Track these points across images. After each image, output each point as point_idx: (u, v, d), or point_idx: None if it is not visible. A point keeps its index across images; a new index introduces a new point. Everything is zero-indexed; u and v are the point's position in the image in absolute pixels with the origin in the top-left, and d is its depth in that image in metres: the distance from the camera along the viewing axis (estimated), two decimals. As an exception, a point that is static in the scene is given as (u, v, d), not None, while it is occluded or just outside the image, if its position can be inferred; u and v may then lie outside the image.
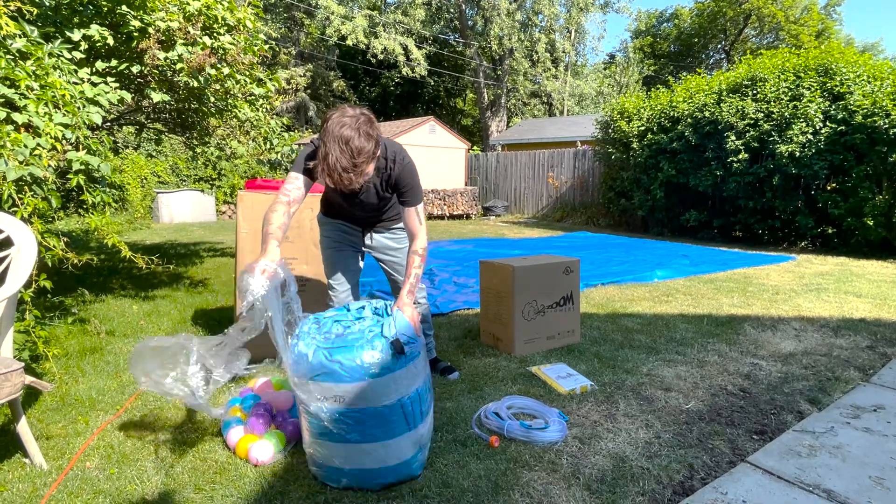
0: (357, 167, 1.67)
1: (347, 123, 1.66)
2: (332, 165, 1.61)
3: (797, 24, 26.61)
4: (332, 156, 1.62)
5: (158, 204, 11.74)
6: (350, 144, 1.63)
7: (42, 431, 2.08)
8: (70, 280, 4.52)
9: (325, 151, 1.63)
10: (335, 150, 1.62)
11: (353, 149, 1.63)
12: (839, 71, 7.24)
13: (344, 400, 1.62)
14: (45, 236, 2.37)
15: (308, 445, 1.76)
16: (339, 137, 1.62)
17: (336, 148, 1.62)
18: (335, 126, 1.65)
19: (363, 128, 1.68)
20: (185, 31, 3.24)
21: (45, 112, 2.24)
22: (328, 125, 1.68)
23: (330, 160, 1.61)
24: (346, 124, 1.66)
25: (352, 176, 1.67)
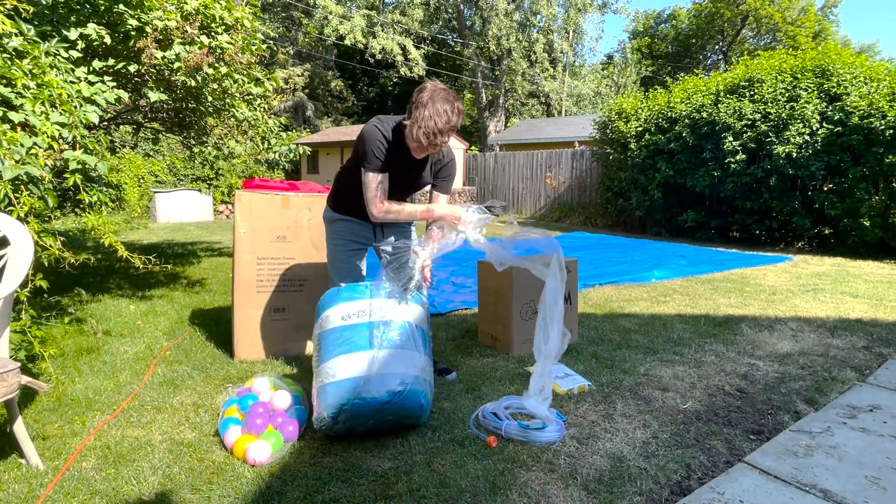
0: (447, 132, 1.91)
1: (444, 96, 1.90)
2: (430, 126, 1.85)
3: (794, 26, 26.69)
4: (431, 119, 1.85)
5: (155, 203, 11.71)
6: (447, 112, 1.88)
7: (38, 432, 2.07)
8: (67, 280, 4.51)
9: (426, 113, 1.85)
10: (434, 116, 1.85)
11: (448, 116, 1.88)
12: (836, 72, 7.27)
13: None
14: (42, 236, 2.36)
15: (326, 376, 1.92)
16: (439, 107, 1.86)
17: (435, 113, 1.85)
18: (435, 95, 1.88)
19: (456, 104, 1.93)
20: (182, 31, 3.23)
21: (41, 111, 2.23)
22: (426, 94, 1.89)
23: (429, 123, 1.85)
24: (443, 97, 1.89)
25: (442, 139, 1.92)
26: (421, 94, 1.92)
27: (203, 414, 2.24)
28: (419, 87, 1.96)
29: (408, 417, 2.00)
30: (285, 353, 2.97)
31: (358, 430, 1.96)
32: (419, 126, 1.89)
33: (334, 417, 1.90)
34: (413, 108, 1.93)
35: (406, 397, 1.95)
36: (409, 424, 2.04)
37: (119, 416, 2.21)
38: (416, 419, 2.03)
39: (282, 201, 2.93)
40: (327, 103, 25.29)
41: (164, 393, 2.46)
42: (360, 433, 2.00)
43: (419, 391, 1.98)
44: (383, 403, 1.91)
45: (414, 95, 1.94)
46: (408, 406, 1.96)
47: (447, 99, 1.92)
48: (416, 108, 1.91)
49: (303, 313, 3.00)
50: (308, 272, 3.01)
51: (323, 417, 1.92)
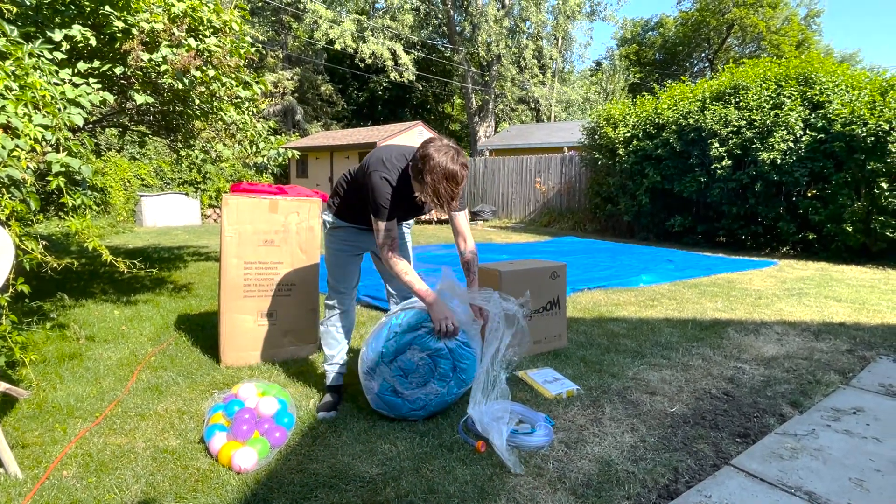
0: (458, 193, 1.99)
1: (450, 158, 1.93)
2: (442, 195, 1.93)
3: (778, 35, 27.20)
4: (441, 189, 1.92)
5: (142, 207, 11.58)
6: (455, 178, 1.93)
7: (18, 440, 2.02)
8: (49, 284, 4.43)
9: (435, 186, 1.92)
10: (443, 185, 1.91)
11: (457, 181, 1.94)
12: (819, 80, 7.41)
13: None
14: (24, 239, 2.32)
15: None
16: (444, 173, 1.91)
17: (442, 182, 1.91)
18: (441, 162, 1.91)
19: (459, 159, 1.96)
20: (169, 33, 3.20)
21: (24, 113, 2.19)
22: (433, 162, 1.91)
23: (442, 192, 1.92)
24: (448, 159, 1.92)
25: (455, 203, 2.00)
26: (427, 164, 1.92)
27: (188, 420, 2.21)
28: (422, 154, 1.94)
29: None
30: (272, 359, 2.94)
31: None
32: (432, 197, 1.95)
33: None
34: (421, 177, 1.94)
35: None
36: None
37: (101, 424, 2.17)
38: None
39: (269, 205, 2.91)
40: (317, 107, 25.23)
41: (148, 399, 2.42)
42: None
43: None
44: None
45: (418, 162, 1.95)
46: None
47: (453, 159, 1.93)
48: (424, 176, 1.93)
49: (290, 318, 2.97)
50: (296, 277, 2.99)
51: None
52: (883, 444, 2.07)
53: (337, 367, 2.48)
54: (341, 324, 2.48)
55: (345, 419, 2.23)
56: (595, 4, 23.07)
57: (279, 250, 2.94)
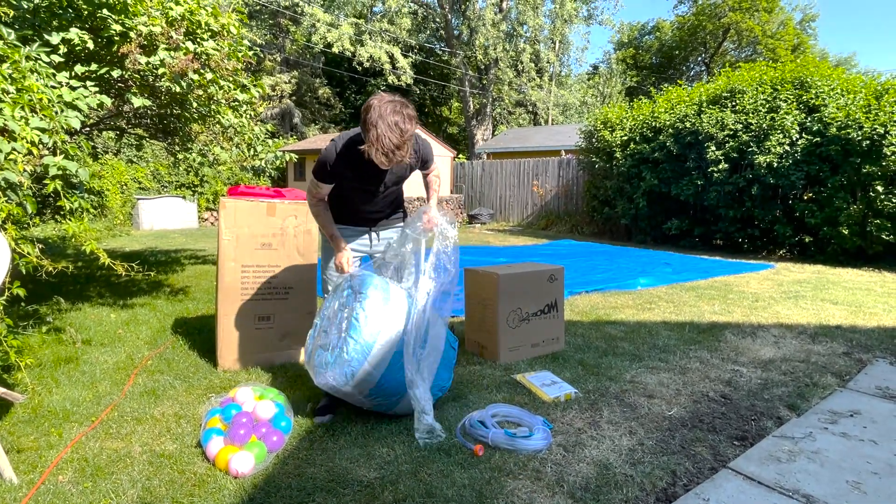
0: (404, 145, 1.88)
1: (392, 109, 1.86)
2: (386, 145, 1.82)
3: (774, 39, 27.35)
4: (385, 137, 1.82)
5: (139, 210, 11.55)
6: (399, 126, 1.84)
7: (13, 444, 2.01)
8: (45, 288, 4.41)
9: (377, 134, 1.82)
10: (387, 133, 1.82)
11: (401, 129, 1.85)
12: (814, 84, 7.45)
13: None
14: (20, 243, 2.31)
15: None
16: (388, 122, 1.83)
17: (387, 130, 1.82)
18: (383, 112, 1.84)
19: (406, 111, 1.89)
20: (167, 36, 3.20)
21: (21, 116, 2.19)
22: (374, 112, 1.84)
23: (384, 141, 1.82)
24: (391, 110, 1.85)
25: (401, 153, 1.89)
26: (369, 114, 1.86)
27: (185, 425, 2.20)
28: (365, 106, 1.89)
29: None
30: (270, 362, 2.93)
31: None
32: (376, 148, 1.85)
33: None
34: (365, 131, 1.88)
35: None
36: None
37: (97, 428, 2.16)
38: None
39: (267, 208, 2.91)
40: (315, 110, 25.24)
41: (144, 403, 2.41)
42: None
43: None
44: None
45: (362, 115, 1.89)
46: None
47: (395, 110, 1.86)
48: (368, 130, 1.86)
49: (288, 321, 2.97)
50: (293, 280, 2.98)
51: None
52: (880, 446, 2.07)
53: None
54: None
55: (342, 423, 2.23)
56: (592, 8, 23.18)
57: (277, 253, 2.94)
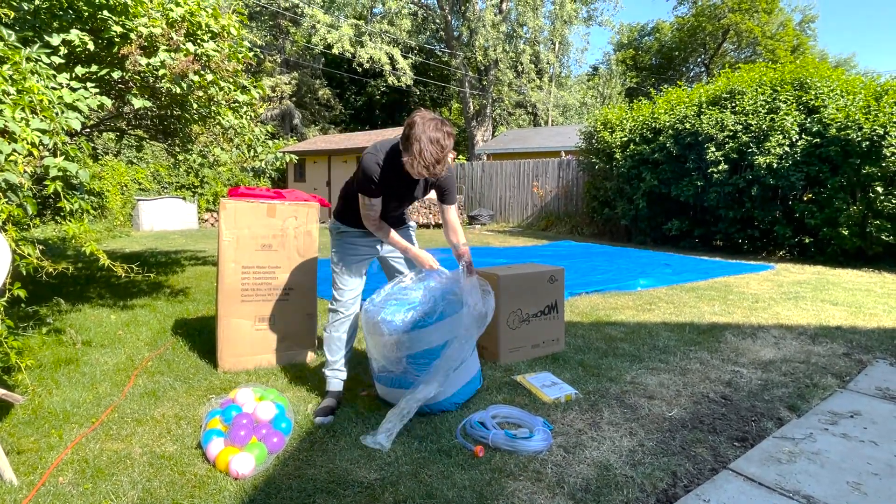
0: (443, 160, 2.04)
1: (434, 126, 2.00)
2: (427, 159, 1.97)
3: (773, 40, 27.37)
4: (426, 152, 1.97)
5: (139, 211, 11.55)
6: (440, 142, 1.99)
7: (13, 445, 2.01)
8: (45, 289, 4.41)
9: (420, 148, 1.97)
10: (428, 147, 1.97)
11: (441, 145, 2.00)
12: (814, 85, 7.46)
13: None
14: (20, 244, 2.31)
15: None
16: (430, 138, 1.97)
17: (429, 145, 1.97)
18: (426, 128, 1.99)
19: (445, 129, 2.03)
20: (168, 38, 3.21)
21: (21, 117, 2.19)
22: (417, 128, 1.99)
23: (425, 155, 1.97)
24: (433, 127, 2.00)
25: (440, 167, 2.03)
26: (413, 130, 2.00)
27: (185, 426, 2.20)
28: (409, 122, 2.03)
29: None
30: (270, 364, 2.93)
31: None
32: (418, 160, 1.99)
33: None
34: (408, 144, 2.01)
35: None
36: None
37: (98, 429, 2.16)
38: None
39: (267, 209, 2.91)
40: (315, 112, 25.25)
41: (144, 405, 2.41)
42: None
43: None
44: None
45: (405, 130, 2.02)
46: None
47: (437, 128, 2.00)
48: (411, 144, 1.99)
49: (288, 323, 2.97)
50: (294, 281, 2.98)
51: None
52: (880, 447, 2.07)
53: (337, 373, 2.48)
54: (344, 329, 2.48)
55: (343, 424, 2.23)
56: (592, 10, 23.19)
57: (277, 255, 2.94)
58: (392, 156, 2.18)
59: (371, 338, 2.32)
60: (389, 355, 2.26)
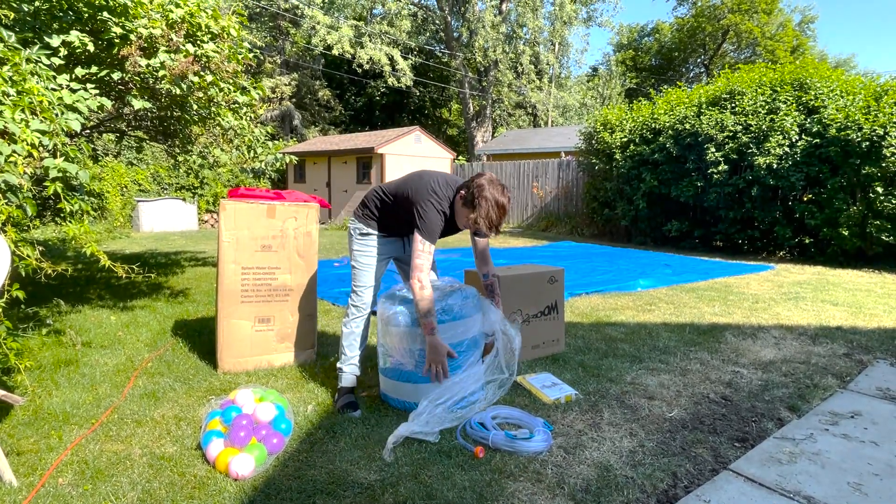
0: (504, 221, 2.34)
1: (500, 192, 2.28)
2: (493, 220, 2.27)
3: (773, 40, 27.39)
4: (493, 213, 2.26)
5: (139, 212, 11.55)
6: (504, 207, 2.29)
7: (13, 447, 2.01)
8: (45, 290, 4.41)
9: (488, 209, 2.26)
10: (494, 209, 2.26)
11: (505, 210, 2.30)
12: (813, 85, 7.46)
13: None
14: (20, 245, 2.31)
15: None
16: (497, 202, 2.26)
17: (494, 209, 2.26)
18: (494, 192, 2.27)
19: (507, 195, 2.32)
20: (167, 39, 3.21)
21: (21, 118, 2.19)
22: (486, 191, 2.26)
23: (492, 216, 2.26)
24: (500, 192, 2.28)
25: (502, 227, 2.33)
26: (483, 192, 2.26)
27: (185, 427, 2.20)
28: (478, 184, 2.28)
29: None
30: (270, 364, 2.93)
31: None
32: (484, 220, 2.27)
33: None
34: (476, 203, 2.26)
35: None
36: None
37: (97, 430, 2.16)
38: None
39: (267, 210, 2.91)
40: (314, 112, 25.26)
41: (144, 406, 2.40)
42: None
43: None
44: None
45: (473, 189, 2.28)
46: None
47: (503, 192, 2.29)
48: (481, 204, 2.25)
49: (288, 323, 2.97)
50: (293, 282, 2.98)
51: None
52: (881, 447, 2.07)
53: (354, 368, 2.55)
54: (362, 326, 2.57)
55: (343, 425, 2.22)
56: (591, 10, 23.20)
57: (277, 255, 2.94)
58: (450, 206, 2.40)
59: (386, 328, 2.39)
60: (402, 347, 2.33)
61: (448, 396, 2.25)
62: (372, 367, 2.87)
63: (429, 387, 2.30)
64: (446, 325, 2.32)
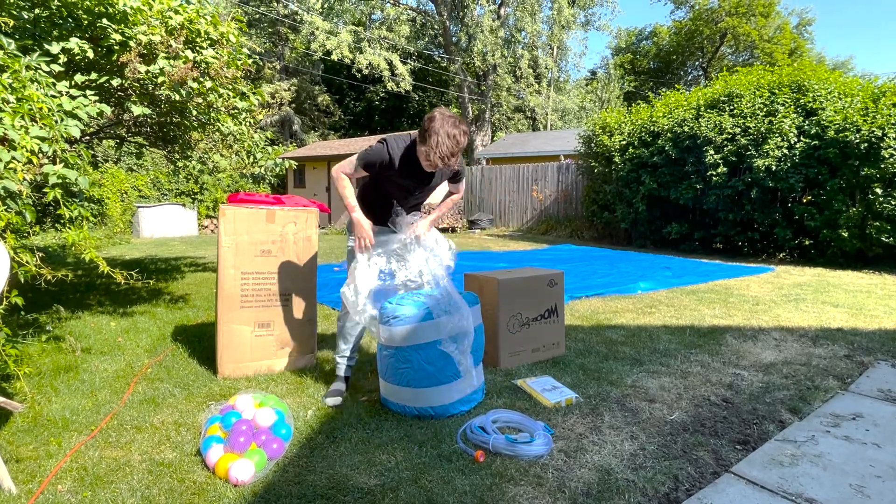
0: (457, 154, 2.24)
1: (452, 123, 2.20)
2: (443, 151, 2.17)
3: (771, 43, 27.49)
4: (443, 145, 2.16)
5: (139, 218, 11.56)
6: (456, 137, 2.19)
7: (12, 454, 2.00)
8: (45, 296, 4.41)
9: (438, 140, 2.16)
10: (445, 141, 2.16)
11: (457, 140, 2.20)
12: (811, 88, 7.48)
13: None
14: (19, 251, 2.32)
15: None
16: (448, 133, 2.16)
17: (446, 139, 2.16)
18: (445, 123, 2.18)
19: (462, 127, 2.23)
20: (167, 45, 3.22)
21: (21, 125, 2.19)
22: (437, 122, 2.18)
23: (442, 148, 2.16)
24: (451, 123, 2.19)
25: (454, 160, 2.23)
26: (432, 123, 2.18)
27: (184, 433, 2.19)
28: (429, 116, 2.21)
29: None
30: (270, 370, 2.93)
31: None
32: (434, 151, 2.17)
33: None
34: (426, 136, 2.18)
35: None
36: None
37: (97, 437, 2.15)
38: None
39: (266, 215, 2.91)
40: (314, 118, 25.33)
41: (144, 412, 2.40)
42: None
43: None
44: None
45: (425, 123, 2.20)
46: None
47: (455, 124, 2.19)
48: (429, 136, 2.17)
49: (288, 328, 2.96)
50: (293, 287, 2.98)
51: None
52: (882, 449, 2.06)
53: (346, 360, 2.62)
54: (356, 320, 2.60)
55: (343, 430, 2.22)
56: (589, 15, 23.30)
57: (276, 260, 2.94)
58: (410, 148, 2.36)
59: (389, 330, 2.40)
60: (405, 344, 2.35)
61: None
62: (372, 372, 2.86)
63: (429, 391, 2.30)
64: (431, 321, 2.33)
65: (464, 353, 2.35)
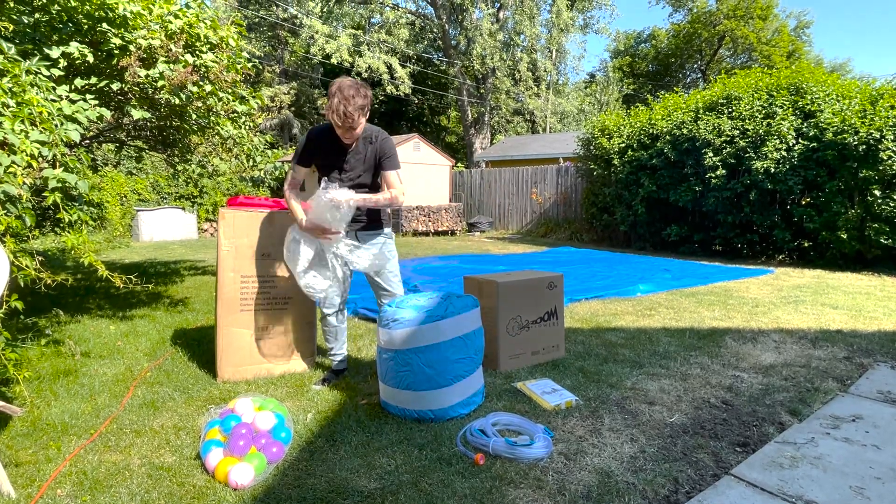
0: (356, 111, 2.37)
1: (349, 85, 2.38)
2: (339, 110, 2.34)
3: (769, 45, 27.57)
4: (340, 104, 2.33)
5: (138, 222, 11.56)
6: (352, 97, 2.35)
7: (11, 458, 2.00)
8: (44, 300, 4.41)
9: (334, 102, 2.34)
10: (342, 101, 2.34)
11: (348, 97, 2.35)
12: (810, 90, 7.50)
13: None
14: (19, 255, 2.32)
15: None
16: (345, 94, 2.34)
17: (342, 99, 2.34)
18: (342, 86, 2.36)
19: (361, 90, 2.41)
20: (166, 49, 3.23)
21: (21, 129, 2.20)
22: (334, 87, 2.37)
23: (340, 108, 2.34)
24: (348, 85, 2.37)
25: (353, 117, 2.36)
26: (331, 88, 2.38)
27: (184, 436, 2.19)
28: (332, 83, 2.39)
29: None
30: (269, 373, 2.93)
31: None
32: (333, 111, 2.36)
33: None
34: (328, 99, 2.38)
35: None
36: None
37: (96, 441, 2.15)
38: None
39: (266, 218, 2.91)
40: (313, 121, 25.35)
41: (143, 415, 2.40)
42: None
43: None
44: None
45: (328, 90, 2.39)
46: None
47: (351, 86, 2.37)
48: (329, 99, 2.36)
49: (287, 332, 2.96)
50: (293, 290, 2.98)
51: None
52: (882, 451, 2.06)
53: (335, 356, 2.88)
54: (332, 321, 2.84)
55: (343, 433, 2.22)
56: (588, 18, 23.39)
57: (276, 264, 2.94)
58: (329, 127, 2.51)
59: (389, 332, 2.43)
60: (393, 348, 2.40)
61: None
62: (372, 375, 2.86)
63: (429, 394, 2.30)
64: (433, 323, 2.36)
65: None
